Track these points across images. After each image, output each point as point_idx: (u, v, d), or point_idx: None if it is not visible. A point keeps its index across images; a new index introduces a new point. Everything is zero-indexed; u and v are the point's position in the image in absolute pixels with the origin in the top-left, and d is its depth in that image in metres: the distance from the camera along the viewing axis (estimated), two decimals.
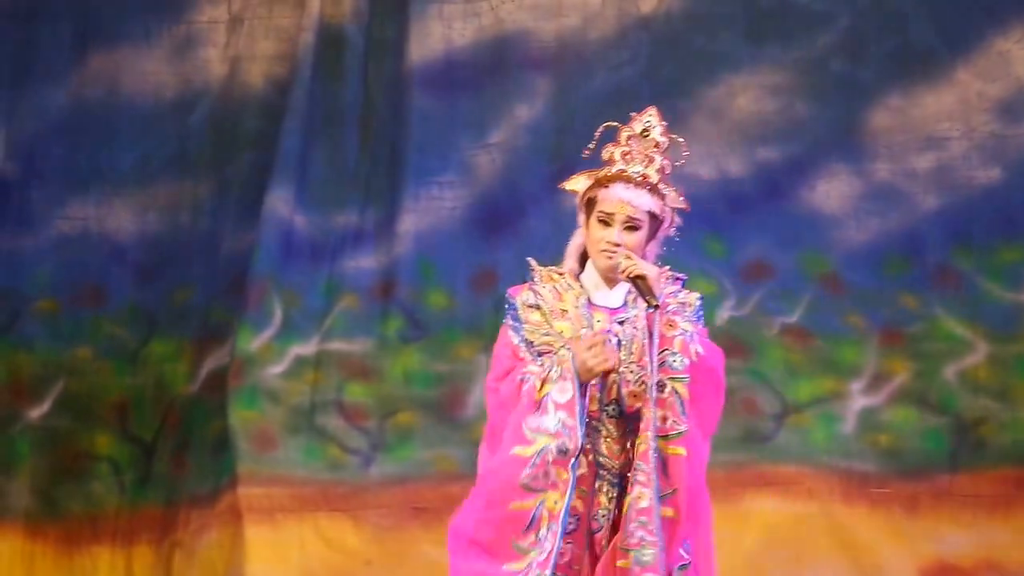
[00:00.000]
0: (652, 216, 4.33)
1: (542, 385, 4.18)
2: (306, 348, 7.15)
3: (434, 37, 7.38)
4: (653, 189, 4.33)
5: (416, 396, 7.13)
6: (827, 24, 7.32)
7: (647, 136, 4.35)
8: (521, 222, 7.24)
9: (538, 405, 4.17)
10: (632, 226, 4.30)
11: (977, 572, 6.94)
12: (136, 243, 7.39)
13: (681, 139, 4.40)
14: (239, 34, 7.47)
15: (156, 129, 7.44)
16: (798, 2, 7.32)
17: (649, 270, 4.23)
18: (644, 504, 4.12)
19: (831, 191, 7.29)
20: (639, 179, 4.32)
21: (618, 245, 4.28)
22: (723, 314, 7.17)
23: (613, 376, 4.23)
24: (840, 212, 7.27)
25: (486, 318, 7.02)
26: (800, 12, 7.31)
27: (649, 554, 4.11)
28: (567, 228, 7.06)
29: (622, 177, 4.31)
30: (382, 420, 7.09)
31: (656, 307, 4.17)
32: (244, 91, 7.44)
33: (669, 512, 4.15)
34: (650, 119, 4.37)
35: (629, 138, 4.36)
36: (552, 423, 4.15)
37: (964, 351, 7.15)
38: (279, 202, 7.22)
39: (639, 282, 4.21)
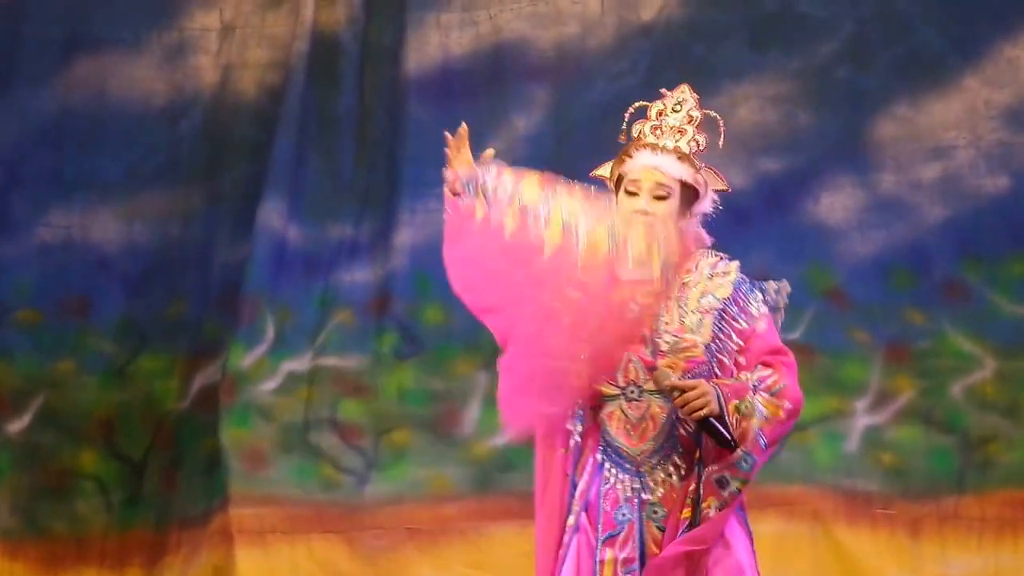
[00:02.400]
0: (684, 185, 4.08)
1: None
2: (299, 364, 7.01)
3: (431, 46, 7.26)
4: (683, 157, 4.10)
5: (411, 414, 6.99)
6: (831, 32, 7.21)
7: (678, 112, 4.16)
8: None
9: None
10: (661, 195, 4.05)
11: None
12: (123, 254, 7.25)
13: (717, 115, 4.20)
14: (231, 42, 7.35)
15: (144, 137, 7.30)
16: (801, 10, 7.21)
17: (711, 407, 3.92)
18: None
19: (835, 203, 7.18)
20: (668, 148, 4.11)
21: (647, 214, 4.03)
22: None
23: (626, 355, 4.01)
24: (844, 224, 7.16)
25: (484, 334, 6.80)
26: (803, 20, 7.20)
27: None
28: None
29: (648, 144, 4.12)
30: (377, 438, 6.97)
31: (735, 447, 3.95)
32: (236, 99, 7.31)
33: None
34: (683, 95, 4.20)
35: (659, 114, 4.18)
36: None
37: (972, 367, 7.02)
38: (272, 214, 7.10)
39: (708, 427, 3.94)
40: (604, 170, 4.26)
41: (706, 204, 4.17)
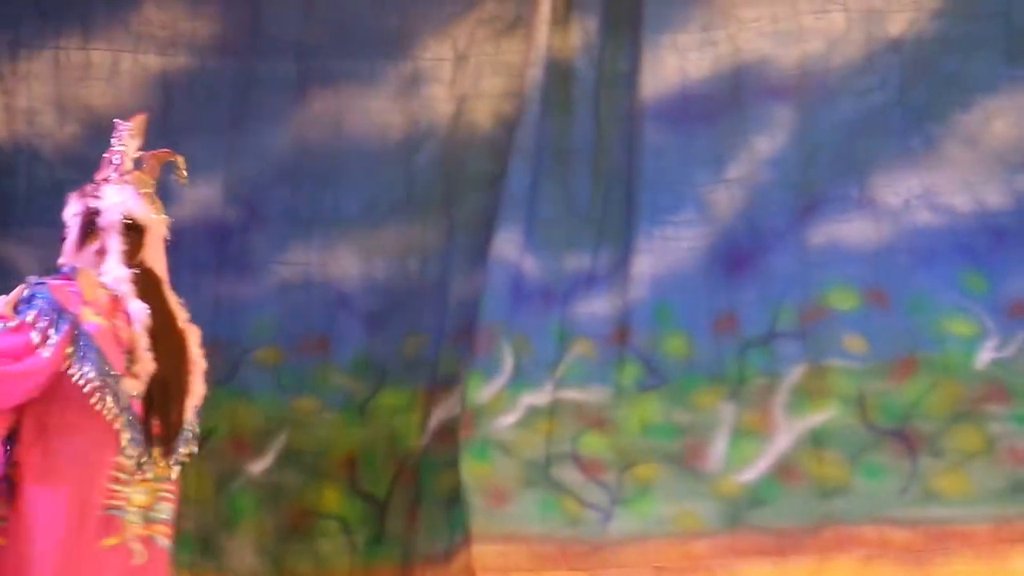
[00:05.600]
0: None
1: None
2: (539, 397, 6.85)
3: (668, 69, 7.10)
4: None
5: (655, 447, 6.78)
6: None
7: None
8: (764, 261, 6.90)
9: None
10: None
11: None
12: (362, 290, 7.20)
13: None
14: (465, 71, 7.29)
15: (382, 171, 7.27)
16: None
17: None
18: None
19: None
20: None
21: None
22: (984, 356, 6.70)
23: None
24: None
25: (729, 364, 6.73)
26: None
27: None
28: (816, 265, 6.87)
29: None
30: (620, 473, 6.77)
31: None
32: (471, 130, 7.24)
33: None
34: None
35: None
36: None
37: None
38: (508, 244, 6.98)
39: None
40: None
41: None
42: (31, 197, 7.10)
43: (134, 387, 4.79)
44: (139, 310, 4.88)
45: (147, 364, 4.81)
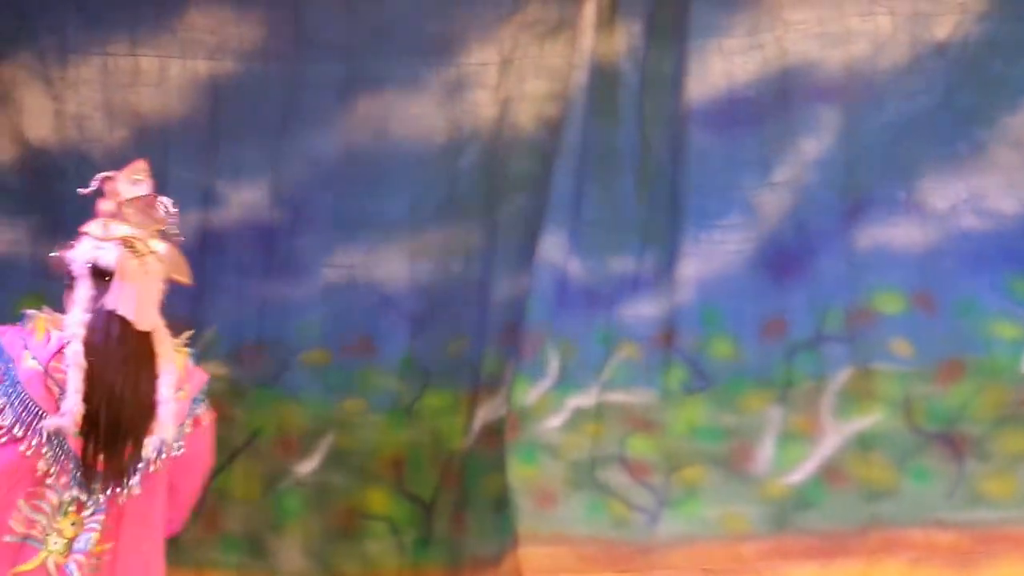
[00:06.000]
0: None
1: None
2: (585, 400, 6.88)
3: (714, 72, 7.10)
4: None
5: (702, 450, 6.79)
6: None
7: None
8: (811, 264, 6.91)
9: None
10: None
11: None
12: (407, 292, 7.24)
13: None
14: (509, 74, 7.31)
15: (426, 174, 7.29)
16: None
17: None
18: None
19: None
20: None
21: None
22: None
23: None
24: None
25: (776, 367, 6.74)
26: None
27: None
28: (863, 269, 6.88)
29: None
30: (667, 476, 6.78)
31: None
32: (514, 133, 7.25)
33: None
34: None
35: None
36: None
37: None
38: (553, 247, 7.00)
39: None
40: None
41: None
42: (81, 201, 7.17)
43: (61, 426, 5.00)
44: (73, 353, 5.06)
45: (74, 404, 5.02)
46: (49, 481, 5.09)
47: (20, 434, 5.03)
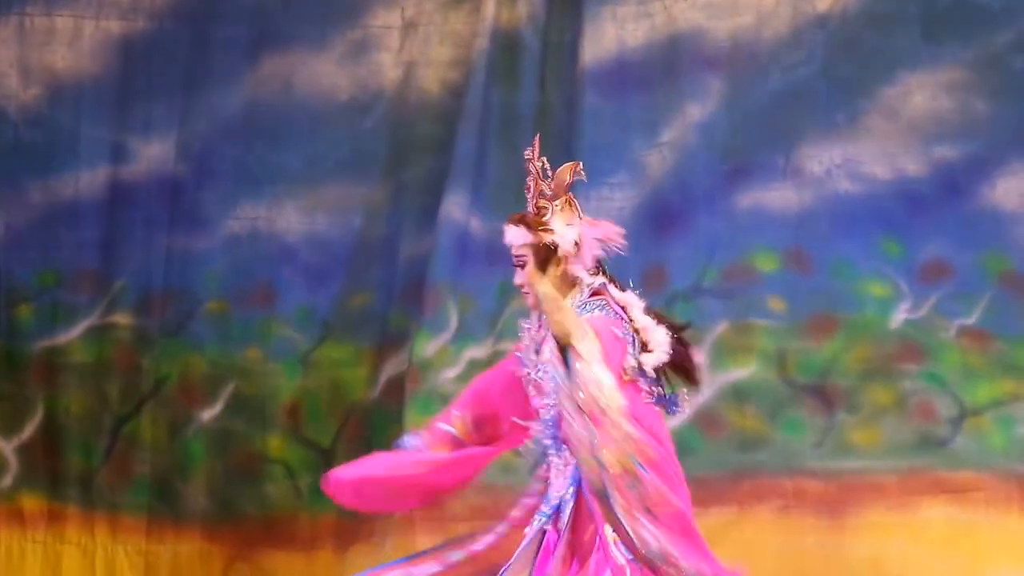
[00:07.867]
0: (535, 247, 4.46)
1: None
2: (480, 351, 7.14)
3: (607, 38, 7.34)
4: (521, 221, 4.46)
5: None
6: (1008, 21, 7.13)
7: (529, 173, 4.56)
8: (693, 221, 7.18)
9: None
10: (518, 264, 4.51)
11: None
12: (305, 244, 7.44)
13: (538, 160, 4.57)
14: (413, 39, 7.49)
15: (328, 131, 7.48)
16: (977, 0, 7.15)
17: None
18: None
19: (1011, 189, 7.10)
20: (514, 218, 4.51)
21: (521, 286, 4.49)
22: (899, 316, 7.05)
23: None
24: (1021, 209, 7.08)
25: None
26: (979, 9, 7.14)
27: None
28: (740, 226, 7.14)
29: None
30: None
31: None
32: (419, 96, 7.47)
33: None
34: (529, 152, 4.63)
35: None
36: None
37: None
38: (455, 207, 7.24)
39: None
40: None
41: (584, 249, 4.47)
42: None
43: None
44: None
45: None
46: None
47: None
